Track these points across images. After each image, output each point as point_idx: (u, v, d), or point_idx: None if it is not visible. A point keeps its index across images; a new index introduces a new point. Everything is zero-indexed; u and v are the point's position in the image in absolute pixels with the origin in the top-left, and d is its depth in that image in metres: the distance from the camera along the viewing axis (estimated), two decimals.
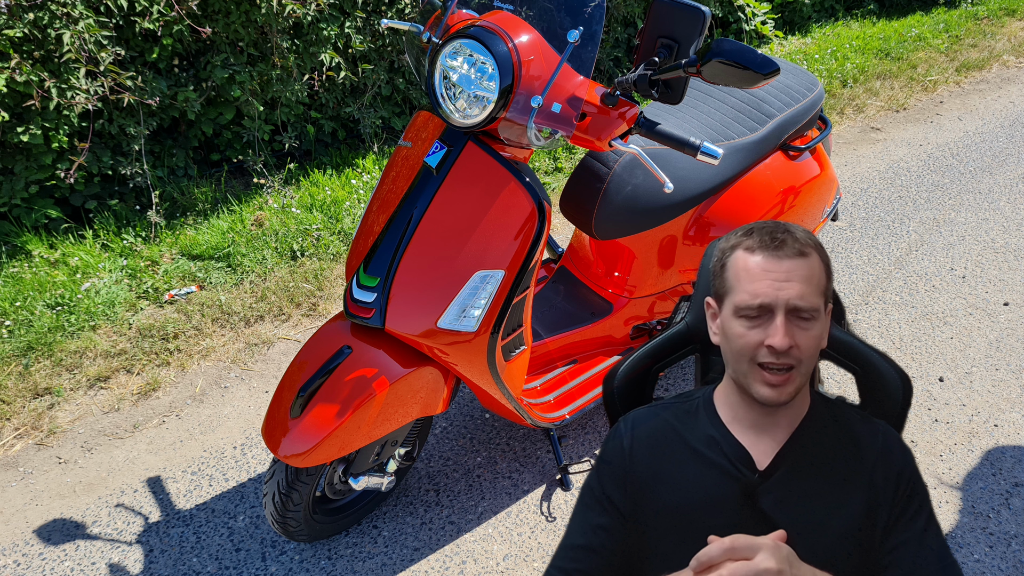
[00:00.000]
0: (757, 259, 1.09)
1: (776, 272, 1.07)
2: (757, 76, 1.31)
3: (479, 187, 1.64)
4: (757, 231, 1.12)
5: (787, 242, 1.09)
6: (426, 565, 2.08)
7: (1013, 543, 2.14)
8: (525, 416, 2.05)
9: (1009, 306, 3.04)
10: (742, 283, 1.09)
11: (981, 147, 4.27)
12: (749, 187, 2.29)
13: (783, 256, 1.08)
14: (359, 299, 1.69)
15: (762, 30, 5.38)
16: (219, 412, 2.57)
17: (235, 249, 3.22)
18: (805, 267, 1.07)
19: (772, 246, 1.09)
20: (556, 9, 1.58)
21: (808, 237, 1.12)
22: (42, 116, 2.96)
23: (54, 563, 2.08)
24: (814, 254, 1.10)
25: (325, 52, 3.57)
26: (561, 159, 4.07)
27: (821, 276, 1.09)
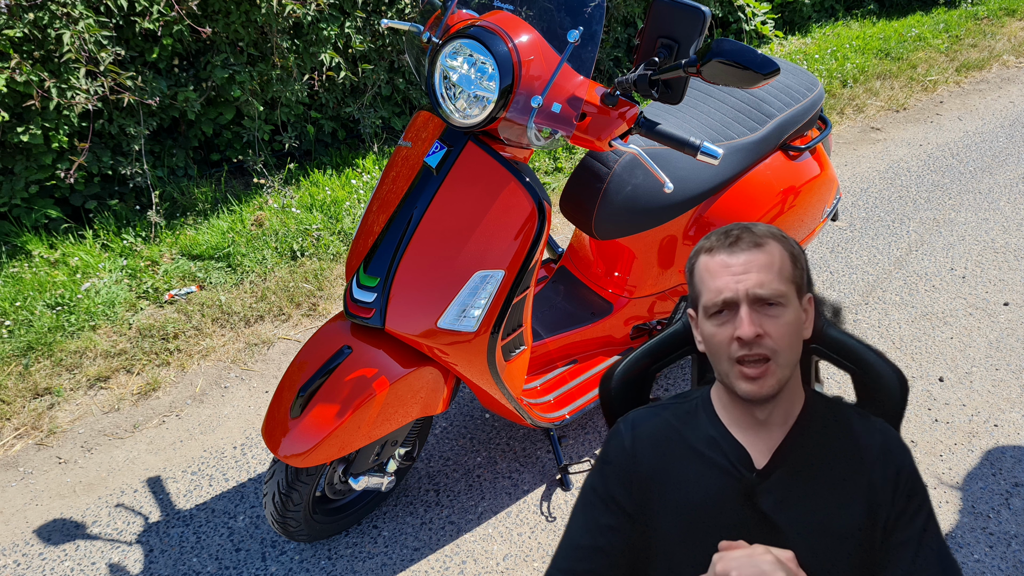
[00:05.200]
0: (716, 258, 1.13)
1: (734, 266, 1.10)
2: (757, 76, 1.31)
3: (479, 187, 1.64)
4: (715, 234, 1.16)
5: (742, 237, 1.12)
6: (426, 565, 2.08)
7: (1013, 543, 2.14)
8: (525, 416, 2.05)
9: (1009, 306, 3.04)
10: (706, 284, 1.13)
11: (981, 147, 4.27)
12: (749, 187, 2.29)
13: (738, 250, 1.11)
14: (359, 299, 1.69)
15: (762, 30, 5.38)
16: (219, 412, 2.57)
17: (235, 249, 3.22)
18: (763, 256, 1.10)
19: (728, 243, 1.12)
20: (556, 9, 1.58)
21: (768, 230, 1.15)
22: (42, 116, 2.96)
23: (54, 563, 2.08)
24: (772, 243, 1.12)
25: (325, 52, 3.57)
26: (561, 159, 4.07)
27: (784, 264, 1.11)
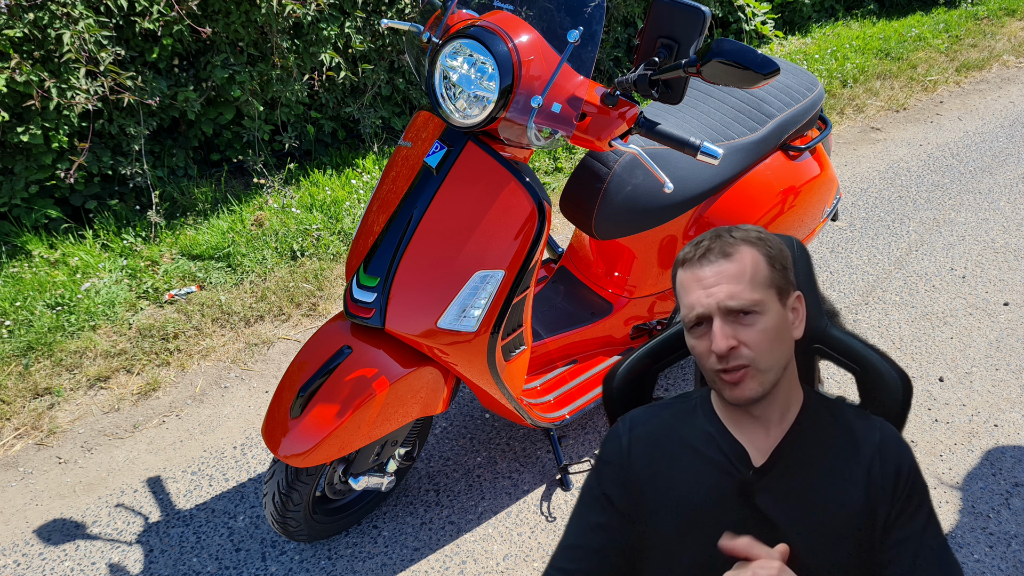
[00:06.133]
0: (687, 273, 1.13)
1: (704, 279, 1.10)
2: (757, 76, 1.31)
3: (479, 187, 1.64)
4: (690, 245, 1.16)
5: (712, 248, 1.11)
6: (426, 565, 2.08)
7: (1013, 543, 2.14)
8: (525, 416, 2.05)
9: (1009, 306, 3.04)
10: (681, 299, 1.14)
11: (981, 147, 4.27)
12: (749, 187, 2.29)
13: (706, 262, 1.10)
14: (359, 299, 1.69)
15: (762, 30, 5.39)
16: (219, 412, 2.57)
17: (235, 249, 3.22)
18: (732, 266, 1.09)
19: (697, 256, 1.12)
20: (556, 9, 1.58)
21: (743, 235, 1.13)
22: (42, 116, 2.96)
23: (54, 563, 2.08)
24: (743, 249, 1.10)
25: (325, 52, 3.57)
26: (561, 159, 4.07)
27: (758, 269, 1.10)
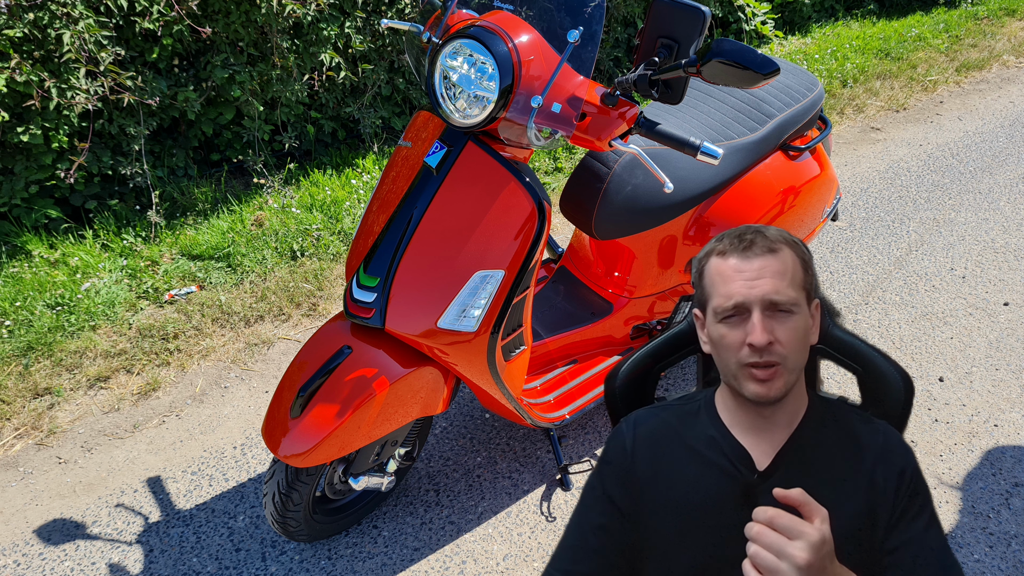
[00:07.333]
0: (729, 262, 1.12)
1: (747, 271, 1.09)
2: (757, 76, 1.31)
3: (479, 187, 1.64)
4: (727, 236, 1.15)
5: (756, 242, 1.11)
6: (426, 565, 2.08)
7: (1013, 543, 2.14)
8: (525, 416, 2.05)
9: (1009, 306, 3.04)
10: (717, 287, 1.12)
11: (981, 147, 4.27)
12: (749, 187, 2.29)
13: (752, 255, 1.10)
14: (359, 299, 1.69)
15: (762, 30, 5.38)
16: (219, 412, 2.57)
17: (235, 249, 3.22)
18: (776, 262, 1.09)
19: (741, 247, 1.11)
20: (556, 9, 1.58)
21: (780, 235, 1.14)
22: (42, 116, 2.96)
23: (54, 563, 2.08)
24: (786, 249, 1.12)
25: (325, 52, 3.57)
26: (561, 159, 4.07)
27: (796, 270, 1.11)
